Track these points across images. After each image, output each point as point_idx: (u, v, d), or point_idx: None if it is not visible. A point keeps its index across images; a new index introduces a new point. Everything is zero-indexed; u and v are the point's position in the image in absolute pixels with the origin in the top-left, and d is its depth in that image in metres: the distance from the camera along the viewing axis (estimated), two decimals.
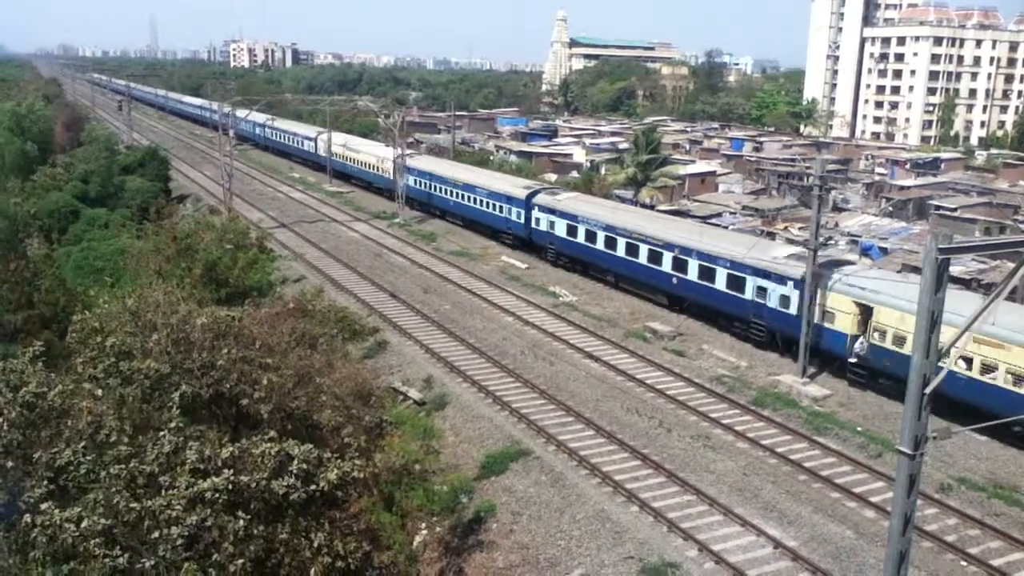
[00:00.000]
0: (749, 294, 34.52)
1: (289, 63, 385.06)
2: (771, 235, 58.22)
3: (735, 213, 65.05)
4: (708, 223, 52.91)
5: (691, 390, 30.73)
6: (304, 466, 16.72)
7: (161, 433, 17.23)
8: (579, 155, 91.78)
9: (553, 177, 77.81)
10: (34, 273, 37.52)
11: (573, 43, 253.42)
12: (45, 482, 16.90)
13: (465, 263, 49.46)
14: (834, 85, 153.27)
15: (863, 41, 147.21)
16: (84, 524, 15.21)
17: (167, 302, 22.79)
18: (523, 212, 50.51)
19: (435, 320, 38.22)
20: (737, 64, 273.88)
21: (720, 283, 35.86)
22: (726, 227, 60.52)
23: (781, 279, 33.05)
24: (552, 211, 47.98)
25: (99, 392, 18.86)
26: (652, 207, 65.34)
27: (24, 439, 17.63)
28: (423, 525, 23.29)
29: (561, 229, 46.91)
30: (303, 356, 25.02)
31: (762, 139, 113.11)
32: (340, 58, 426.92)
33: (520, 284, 45.02)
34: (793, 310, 32.23)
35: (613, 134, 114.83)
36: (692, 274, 37.40)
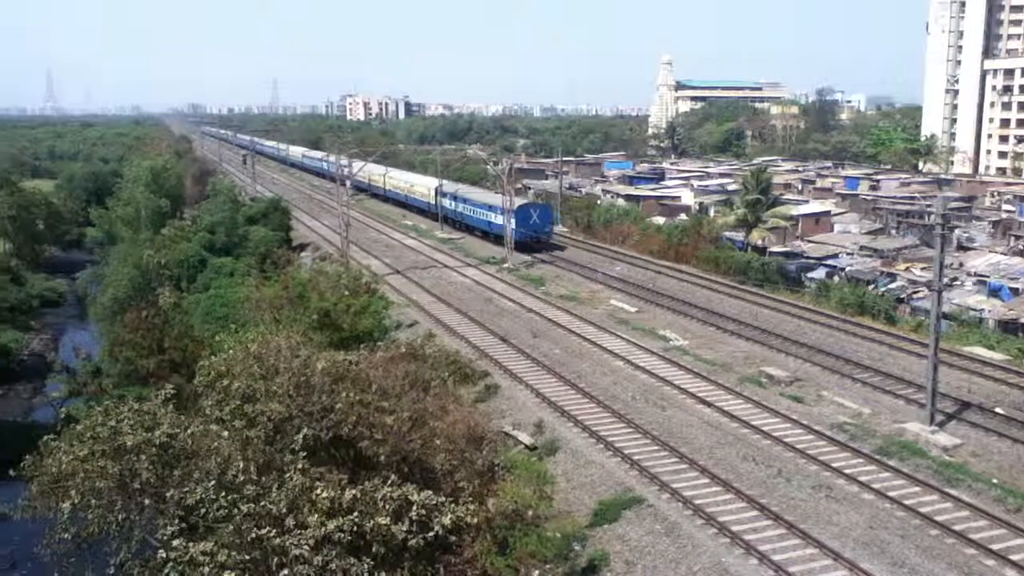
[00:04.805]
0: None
1: (402, 115, 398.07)
2: (891, 276, 56.12)
3: (852, 253, 62.97)
4: None
5: (810, 438, 29.65)
6: (422, 511, 16.91)
7: (288, 474, 17.73)
8: (687, 197, 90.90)
9: (661, 220, 77.30)
10: (165, 320, 39.61)
11: (679, 86, 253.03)
12: (177, 520, 17.65)
13: (574, 307, 49.49)
14: (954, 120, 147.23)
15: (984, 73, 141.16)
16: (220, 558, 15.73)
17: (288, 347, 23.64)
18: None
19: (545, 364, 38.26)
20: (850, 101, 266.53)
21: None
22: (842, 268, 58.66)
23: None
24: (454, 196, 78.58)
25: (225, 434, 19.63)
26: (764, 250, 64.04)
27: (158, 478, 18.48)
28: (536, 572, 23.10)
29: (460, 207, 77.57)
30: (417, 399, 25.49)
31: (879, 177, 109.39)
32: (450, 108, 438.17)
33: (629, 328, 44.68)
34: None
35: (722, 175, 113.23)
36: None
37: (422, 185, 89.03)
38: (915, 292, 51.92)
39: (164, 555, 16.57)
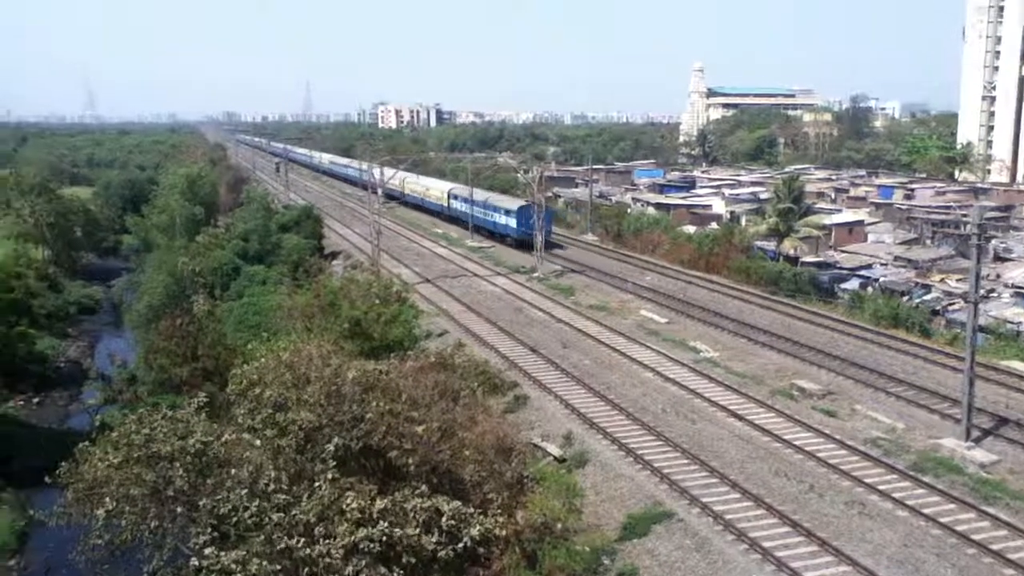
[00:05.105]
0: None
1: (433, 123, 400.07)
2: (926, 287, 55.38)
3: (886, 264, 62.24)
4: None
5: (843, 453, 29.26)
6: (452, 522, 16.94)
7: (317, 484, 17.84)
8: (718, 206, 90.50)
9: (691, 229, 76.95)
10: (198, 328, 40.07)
11: (711, 93, 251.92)
12: (209, 528, 17.82)
13: (604, 317, 49.35)
14: (991, 127, 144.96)
15: (1022, 80, 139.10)
16: (252, 567, 15.85)
17: (319, 355, 23.82)
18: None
19: (574, 375, 38.17)
20: (884, 109, 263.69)
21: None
22: (876, 279, 58.04)
23: None
24: (464, 199, 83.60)
25: (258, 442, 19.81)
26: (796, 260, 63.51)
27: (191, 487, 18.68)
28: None
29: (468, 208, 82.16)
30: (446, 410, 25.58)
31: (913, 186, 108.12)
32: (481, 116, 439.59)
33: (659, 339, 44.45)
34: None
35: (753, 184, 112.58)
36: None
37: (436, 189, 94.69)
38: (951, 304, 51.23)
39: (196, 563, 16.75)
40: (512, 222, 72.74)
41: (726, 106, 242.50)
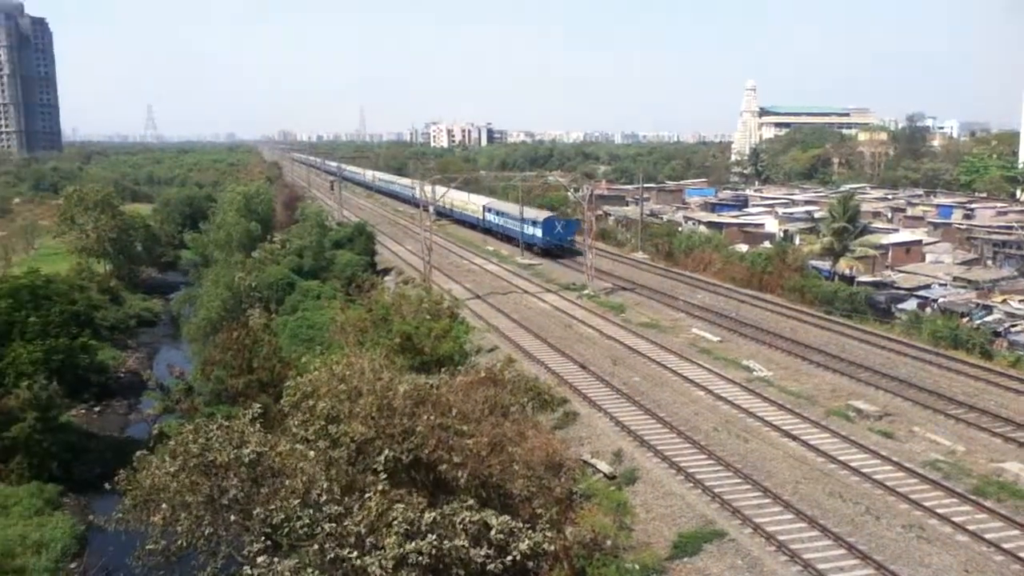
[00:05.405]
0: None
1: (484, 142, 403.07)
2: (987, 308, 53.95)
3: (945, 284, 60.77)
4: None
5: (901, 475, 28.59)
6: (500, 536, 16.93)
7: (367, 495, 17.98)
8: (771, 225, 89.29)
9: (744, 248, 76.13)
10: (254, 341, 40.67)
11: (763, 112, 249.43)
12: (262, 537, 18.07)
13: (655, 335, 49.02)
14: None
15: None
16: None
17: (371, 369, 24.07)
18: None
19: (624, 392, 37.96)
20: (942, 128, 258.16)
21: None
22: (934, 300, 56.72)
23: None
24: (498, 212, 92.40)
25: (312, 453, 20.06)
26: (852, 279, 62.44)
27: (245, 495, 18.97)
28: None
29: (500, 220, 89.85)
30: (496, 424, 25.56)
31: (973, 206, 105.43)
32: (532, 136, 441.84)
33: (711, 357, 43.99)
34: None
35: (807, 203, 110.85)
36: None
37: (473, 203, 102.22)
38: (1013, 325, 49.74)
39: (249, 571, 16.97)
40: (539, 232, 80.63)
41: (778, 125, 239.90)
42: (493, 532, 17.50)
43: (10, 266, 72.29)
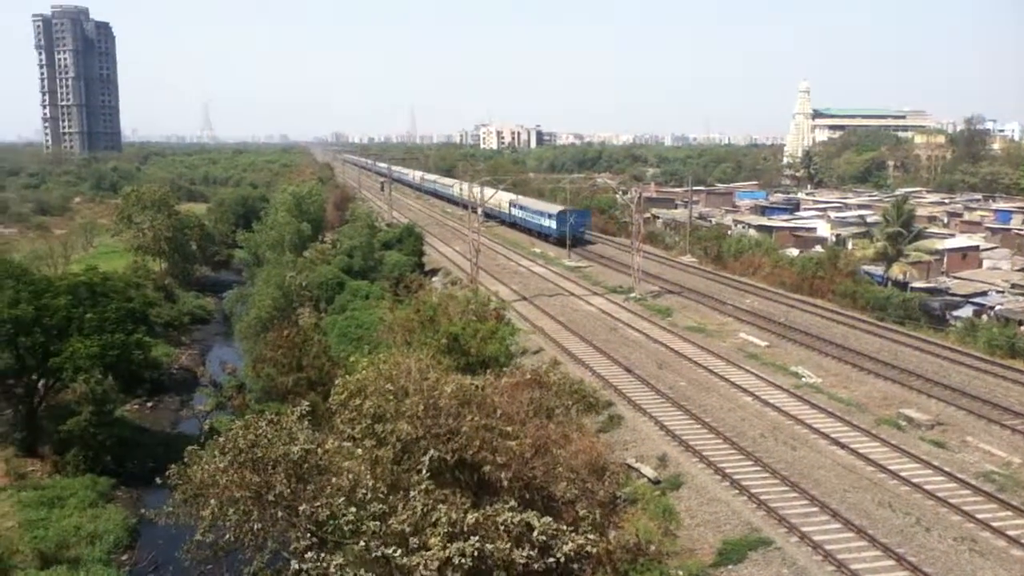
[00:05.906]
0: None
1: (533, 144, 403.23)
2: None
3: (1003, 291, 59.25)
4: None
5: (953, 486, 27.98)
6: (543, 537, 16.97)
7: (412, 494, 18.13)
8: (823, 229, 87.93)
9: (794, 252, 75.08)
10: (304, 340, 41.26)
11: (816, 114, 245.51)
12: (308, 534, 18.33)
13: (701, 339, 48.61)
14: None
15: None
16: (350, 574, 16.17)
17: (418, 369, 24.29)
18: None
19: (670, 396, 37.72)
20: (1002, 131, 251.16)
21: None
22: (991, 307, 55.38)
23: None
24: (521, 207, 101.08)
25: (359, 452, 20.29)
26: (906, 285, 61.23)
27: (292, 492, 19.25)
28: None
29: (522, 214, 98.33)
30: (540, 426, 25.59)
31: None
32: (581, 138, 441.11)
33: (759, 363, 43.50)
34: None
35: (861, 207, 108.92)
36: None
37: (502, 201, 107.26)
38: None
39: (296, 566, 17.22)
40: (552, 224, 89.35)
41: (832, 127, 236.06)
42: (536, 533, 17.53)
43: (69, 263, 74.21)
